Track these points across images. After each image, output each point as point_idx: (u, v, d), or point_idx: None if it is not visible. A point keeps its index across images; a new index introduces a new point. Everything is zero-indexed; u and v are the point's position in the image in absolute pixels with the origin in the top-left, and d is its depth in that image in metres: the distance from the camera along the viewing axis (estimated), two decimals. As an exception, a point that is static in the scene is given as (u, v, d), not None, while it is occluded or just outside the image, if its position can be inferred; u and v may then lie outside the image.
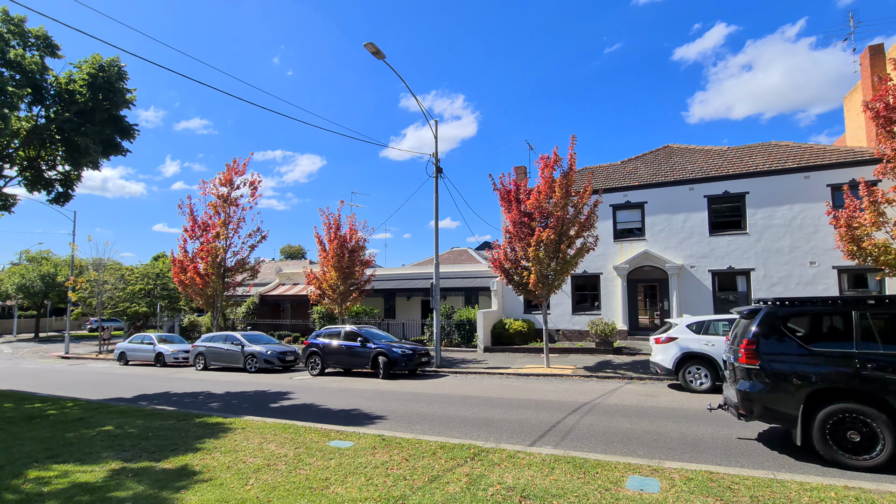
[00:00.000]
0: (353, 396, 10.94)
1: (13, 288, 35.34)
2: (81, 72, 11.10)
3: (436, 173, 16.75)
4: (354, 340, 14.94)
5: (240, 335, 17.59)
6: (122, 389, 13.08)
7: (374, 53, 13.31)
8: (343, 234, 18.67)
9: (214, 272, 21.24)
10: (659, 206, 18.87)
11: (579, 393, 10.58)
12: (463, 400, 10.07)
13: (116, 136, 11.74)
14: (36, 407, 9.68)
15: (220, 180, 21.65)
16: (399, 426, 7.70)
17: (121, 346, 21.26)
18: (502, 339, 19.87)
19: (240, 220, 21.86)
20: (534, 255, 14.10)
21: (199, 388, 12.98)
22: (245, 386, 13.23)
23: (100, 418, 8.25)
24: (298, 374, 15.69)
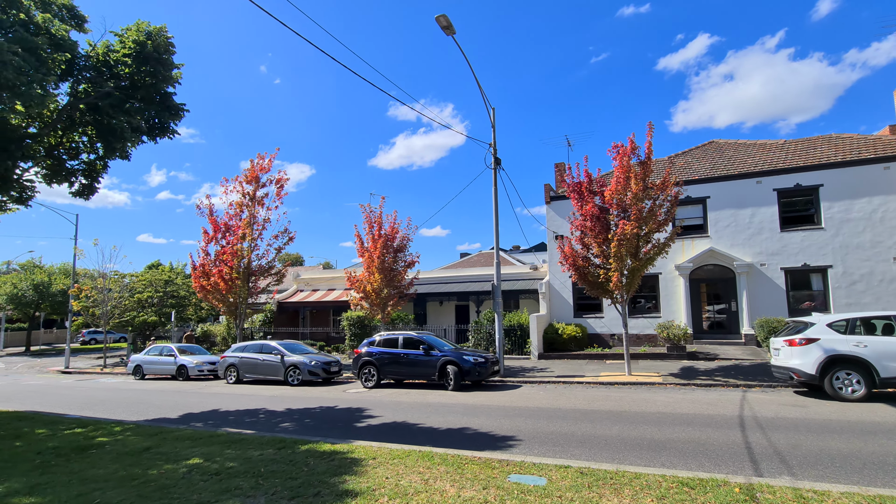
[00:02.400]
0: (443, 412, 9.44)
1: (4, 298, 32.95)
2: (125, 40, 9.55)
3: (494, 165, 15.42)
4: (415, 348, 13.42)
5: (276, 344, 15.93)
6: (159, 409, 11.37)
7: (444, 28, 12.00)
8: (386, 233, 17.18)
9: (239, 276, 19.60)
10: (723, 200, 17.78)
11: (705, 404, 9.23)
12: (580, 414, 8.65)
13: (165, 116, 10.15)
14: (77, 433, 8.01)
15: (246, 178, 20.06)
16: (553, 451, 6.26)
17: (136, 358, 19.36)
18: (555, 345, 18.48)
19: (265, 220, 20.30)
20: (615, 251, 12.81)
21: (251, 405, 11.33)
22: (301, 402, 11.62)
23: (172, 448, 6.65)
24: (349, 387, 14.09)
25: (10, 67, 7.23)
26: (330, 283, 27.63)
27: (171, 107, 10.26)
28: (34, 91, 7.46)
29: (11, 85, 7.22)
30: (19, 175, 9.60)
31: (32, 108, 7.46)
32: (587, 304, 19.76)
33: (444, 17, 11.68)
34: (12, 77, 7.26)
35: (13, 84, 7.22)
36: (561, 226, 20.36)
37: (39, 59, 8.27)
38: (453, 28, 12.04)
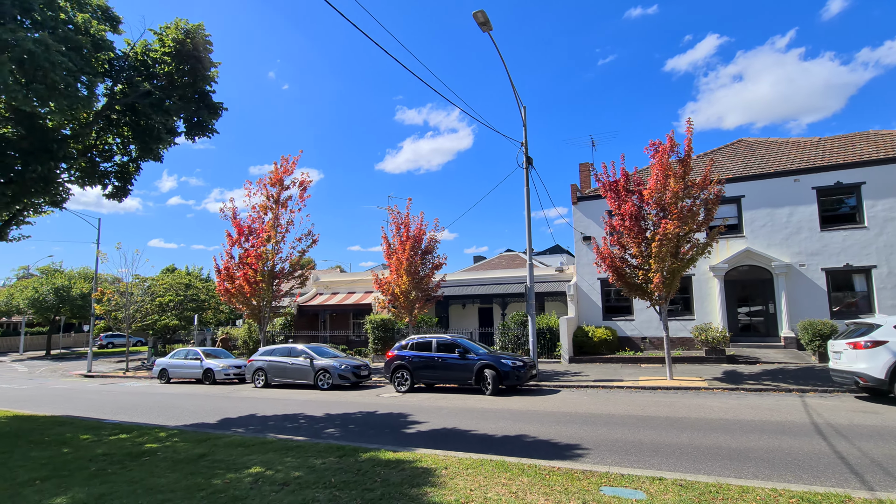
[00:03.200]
0: (491, 418, 9.12)
1: (25, 303, 33.19)
2: (165, 38, 9.41)
3: (526, 164, 15.13)
4: (450, 351, 13.12)
5: (306, 347, 15.72)
6: (194, 413, 11.18)
7: (481, 24, 11.76)
8: (414, 235, 16.93)
9: (264, 279, 19.46)
10: (758, 199, 17.31)
11: (766, 410, 8.82)
12: (637, 421, 8.28)
13: (204, 114, 9.99)
14: (122, 438, 7.81)
15: (270, 180, 19.96)
16: (628, 460, 5.92)
17: (161, 362, 19.26)
18: (585, 348, 18.08)
19: (288, 222, 20.18)
20: (657, 251, 12.44)
21: (287, 410, 11.10)
22: (337, 406, 11.36)
23: (227, 455, 6.40)
24: (380, 391, 13.81)
25: (57, 67, 7.09)
26: (349, 286, 27.45)
27: (209, 105, 10.10)
28: (80, 92, 7.30)
29: (59, 85, 7.07)
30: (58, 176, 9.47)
31: (78, 110, 7.30)
32: (616, 306, 19.35)
33: (482, 12, 11.45)
34: (59, 77, 7.13)
35: (61, 84, 7.07)
36: (588, 227, 20.00)
37: (83, 59, 8.15)
38: (490, 24, 11.80)
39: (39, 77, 6.86)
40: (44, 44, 6.89)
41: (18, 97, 6.54)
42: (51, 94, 6.95)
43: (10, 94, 6.46)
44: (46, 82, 6.91)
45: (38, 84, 6.85)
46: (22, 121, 8.68)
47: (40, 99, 6.84)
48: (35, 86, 6.83)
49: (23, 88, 6.61)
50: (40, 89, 6.85)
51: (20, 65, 6.64)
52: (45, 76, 6.87)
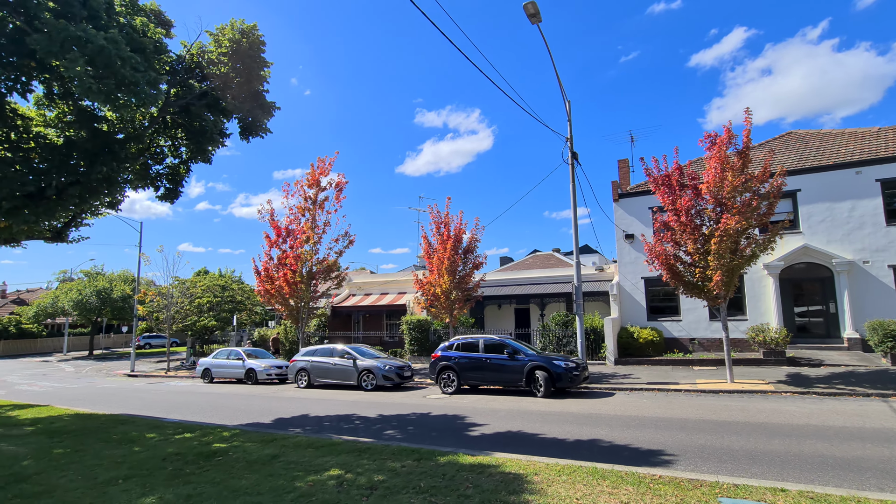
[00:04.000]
0: (554, 421, 8.78)
1: (70, 304, 34.38)
2: (222, 38, 9.45)
3: (571, 159, 14.71)
4: (498, 352, 12.82)
5: (348, 348, 15.66)
6: (247, 413, 11.18)
7: (530, 16, 11.46)
8: (455, 234, 16.70)
9: (303, 280, 19.58)
10: (816, 193, 16.44)
11: (853, 416, 8.22)
12: (715, 426, 7.81)
13: (258, 114, 10.00)
14: (188, 437, 7.79)
15: (308, 181, 20.09)
16: (725, 468, 5.52)
17: (204, 361, 19.56)
18: (630, 349, 17.49)
19: (325, 223, 20.25)
20: (716, 248, 11.86)
21: (338, 410, 10.99)
22: (387, 407, 11.20)
23: (299, 456, 6.26)
24: (425, 392, 13.60)
25: (127, 64, 7.13)
26: (382, 287, 27.43)
27: (263, 105, 10.10)
28: (148, 90, 7.33)
29: (129, 83, 7.10)
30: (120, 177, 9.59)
31: (146, 107, 7.33)
32: (662, 306, 18.69)
33: (533, 3, 11.15)
34: (129, 74, 7.16)
35: (130, 82, 7.10)
36: (631, 224, 19.41)
37: (147, 59, 8.21)
38: (540, 16, 11.48)
39: (109, 74, 6.89)
40: (114, 41, 6.93)
41: (92, 90, 6.56)
42: (120, 91, 6.98)
43: (83, 88, 6.49)
44: (116, 79, 6.94)
45: (108, 80, 6.89)
46: (85, 123, 8.82)
47: (110, 95, 6.87)
48: (106, 81, 6.87)
49: (96, 83, 6.64)
50: (110, 85, 6.88)
51: (91, 62, 6.68)
52: (116, 73, 6.90)
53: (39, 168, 8.32)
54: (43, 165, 8.39)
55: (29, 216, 8.11)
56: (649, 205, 19.20)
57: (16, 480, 5.47)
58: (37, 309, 36.99)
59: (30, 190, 8.30)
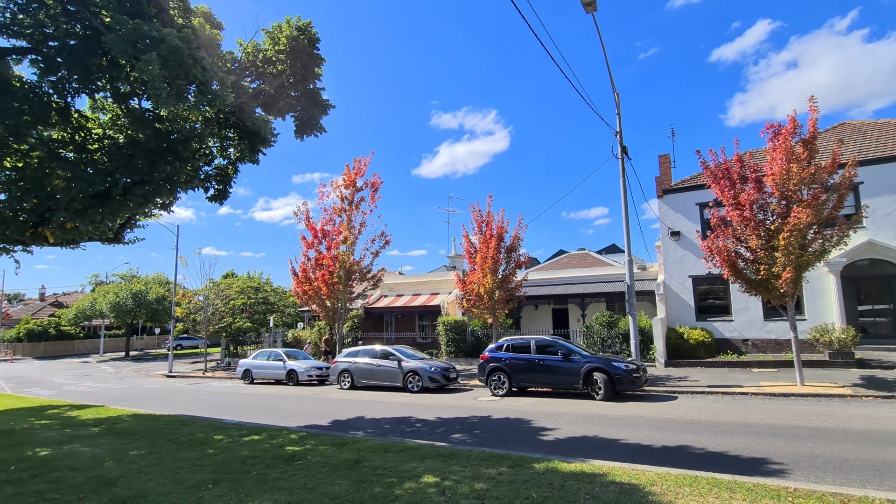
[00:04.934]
0: (629, 426, 8.36)
1: (108, 307, 35.22)
2: (280, 35, 9.32)
3: (621, 153, 14.24)
4: (552, 354, 12.42)
5: (392, 349, 15.46)
6: (301, 415, 11.05)
7: (586, 6, 11.07)
8: (498, 232, 16.35)
9: (340, 281, 19.51)
10: (880, 186, 15.59)
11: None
12: (812, 432, 7.28)
13: (314, 112, 9.85)
14: (256, 440, 7.63)
15: (344, 182, 20.03)
16: (849, 479, 5.05)
17: (244, 363, 19.65)
18: (680, 350, 16.86)
19: (361, 224, 20.16)
20: (785, 243, 11.25)
21: (393, 413, 10.75)
22: (442, 410, 10.92)
23: (382, 461, 6.01)
24: (475, 394, 13.29)
25: (198, 64, 7.02)
26: (414, 288, 27.25)
27: (318, 102, 9.95)
28: (217, 91, 7.20)
29: (200, 82, 6.99)
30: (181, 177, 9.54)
31: (215, 107, 7.22)
32: (711, 305, 17.99)
33: (590, -9, 10.75)
34: (200, 74, 7.05)
35: (201, 81, 6.99)
36: (676, 221, 18.76)
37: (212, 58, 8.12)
38: (596, 5, 11.08)
39: (181, 74, 6.79)
40: (186, 40, 6.84)
41: (162, 95, 6.48)
42: (191, 92, 6.86)
43: (153, 92, 6.40)
44: (188, 79, 6.83)
45: (180, 81, 6.79)
46: (147, 123, 8.80)
47: (182, 96, 6.76)
48: (178, 82, 6.77)
49: (167, 85, 6.54)
50: (181, 86, 6.78)
51: (165, 63, 6.58)
52: (188, 73, 6.80)
53: (105, 168, 8.31)
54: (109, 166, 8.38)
55: (95, 216, 8.09)
56: (697, 200, 18.54)
57: (104, 484, 5.36)
58: (76, 311, 38.00)
59: (97, 190, 8.30)
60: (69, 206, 7.88)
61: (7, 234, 8.37)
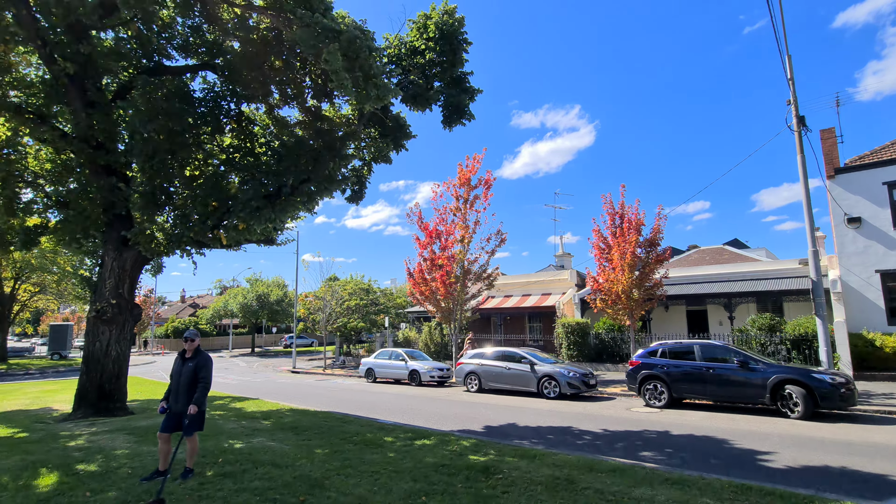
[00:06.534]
0: (879, 456, 6.61)
1: (237, 308, 38.96)
2: (429, 23, 9.01)
3: (797, 124, 12.01)
4: (723, 361, 10.72)
5: (523, 352, 14.66)
6: (445, 418, 10.64)
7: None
8: (634, 224, 14.82)
9: (457, 281, 19.20)
10: None
11: None
12: None
13: (462, 99, 9.41)
14: (428, 445, 7.22)
15: (459, 181, 19.73)
16: None
17: (367, 362, 20.15)
18: (870, 361, 13.92)
19: (475, 222, 19.70)
20: None
21: (547, 422, 9.89)
22: (597, 420, 9.83)
23: (598, 482, 5.17)
24: (622, 403, 11.96)
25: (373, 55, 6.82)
26: (524, 288, 26.26)
27: (466, 88, 9.49)
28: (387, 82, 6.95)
29: (372, 74, 6.77)
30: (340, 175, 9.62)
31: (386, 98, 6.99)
32: (911, 307, 14.66)
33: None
34: (374, 65, 6.84)
35: (374, 73, 6.76)
36: (855, 205, 15.66)
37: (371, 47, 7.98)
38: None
39: (357, 66, 6.62)
40: (362, 31, 6.66)
41: (347, 85, 6.31)
42: (366, 83, 6.67)
43: (339, 81, 6.25)
44: (363, 71, 6.64)
45: (356, 72, 6.62)
46: (310, 123, 8.95)
47: (360, 90, 6.57)
48: (354, 74, 6.60)
49: (349, 76, 6.38)
50: (358, 78, 6.59)
51: (345, 54, 6.43)
52: (363, 65, 6.61)
53: (275, 170, 8.56)
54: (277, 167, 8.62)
55: (269, 214, 8.34)
56: (885, 179, 15.31)
57: (314, 486, 5.17)
58: (212, 311, 42.63)
59: (268, 191, 8.57)
60: (246, 205, 8.19)
61: (191, 236, 8.97)
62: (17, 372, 25.05)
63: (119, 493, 4.96)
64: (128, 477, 5.53)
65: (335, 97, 9.24)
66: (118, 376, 9.74)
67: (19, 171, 10.20)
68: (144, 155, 7.84)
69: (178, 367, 5.47)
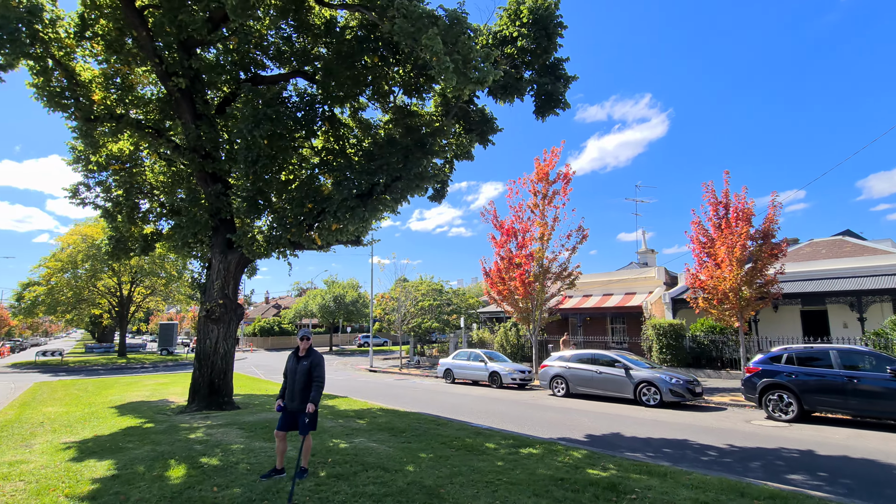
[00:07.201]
0: None
1: (317, 308, 40.92)
2: (522, 8, 8.53)
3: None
4: (872, 369, 9.13)
5: (615, 355, 13.68)
6: (538, 423, 10.08)
7: None
8: (743, 214, 13.26)
9: (537, 280, 18.51)
10: None
11: None
12: None
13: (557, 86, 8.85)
14: (534, 454, 6.74)
15: (536, 176, 19.03)
16: None
17: (445, 362, 20.05)
18: None
19: (554, 219, 18.87)
20: None
21: (658, 433, 8.99)
22: (714, 434, 8.74)
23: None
24: (737, 415, 10.64)
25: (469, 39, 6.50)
26: (605, 287, 24.86)
27: (560, 76, 8.90)
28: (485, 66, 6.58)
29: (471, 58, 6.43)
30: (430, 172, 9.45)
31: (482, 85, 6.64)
32: None
33: None
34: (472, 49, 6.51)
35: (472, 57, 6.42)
36: None
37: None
38: None
39: (454, 51, 6.32)
40: (457, 16, 6.36)
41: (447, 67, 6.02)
42: (465, 67, 6.36)
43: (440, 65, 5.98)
44: (462, 54, 6.33)
45: (455, 56, 6.32)
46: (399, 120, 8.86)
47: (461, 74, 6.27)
48: (454, 58, 6.31)
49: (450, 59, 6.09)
50: (458, 62, 6.28)
51: (443, 39, 6.16)
52: (461, 48, 6.31)
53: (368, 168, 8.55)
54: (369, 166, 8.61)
55: (363, 214, 8.34)
56: None
57: (430, 495, 4.92)
58: (294, 312, 45.20)
59: (361, 190, 8.58)
60: (342, 205, 8.23)
61: (289, 237, 9.23)
62: (134, 366, 28.08)
63: (243, 491, 5.02)
64: (247, 473, 5.64)
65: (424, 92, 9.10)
66: (225, 372, 10.30)
67: (139, 183, 11.16)
68: (248, 160, 8.18)
69: (293, 364, 5.48)
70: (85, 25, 8.21)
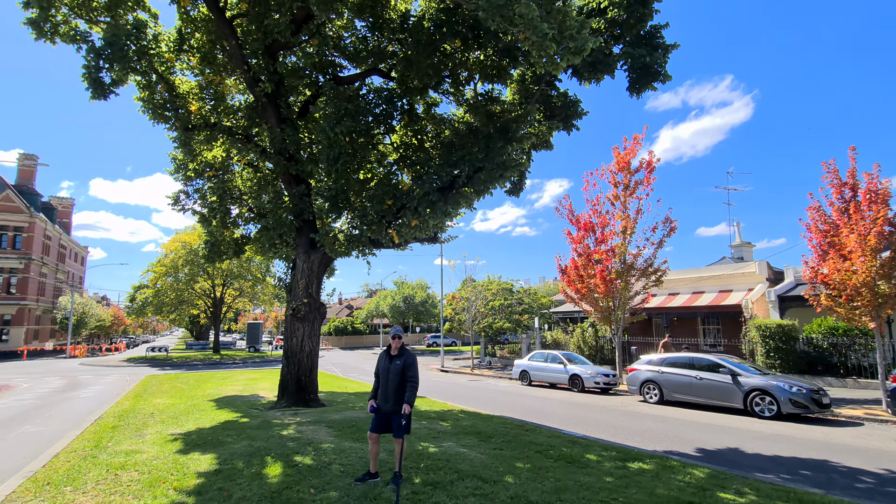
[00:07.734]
0: None
1: (387, 308, 41.84)
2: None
3: None
4: None
5: (719, 359, 12.25)
6: (632, 433, 9.16)
7: None
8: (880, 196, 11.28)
9: (620, 277, 17.25)
10: None
11: None
12: None
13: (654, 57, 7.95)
14: (645, 469, 5.97)
15: (617, 166, 17.75)
16: None
17: (521, 363, 19.37)
18: None
19: (637, 210, 17.46)
20: None
21: (778, 449, 7.74)
22: (861, 455, 7.31)
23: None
24: (883, 432, 8.94)
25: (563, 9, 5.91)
26: (694, 284, 22.75)
27: (657, 45, 7.98)
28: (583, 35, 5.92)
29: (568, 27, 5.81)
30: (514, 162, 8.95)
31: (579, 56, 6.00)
32: None
33: None
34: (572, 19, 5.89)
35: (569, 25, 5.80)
36: None
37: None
38: None
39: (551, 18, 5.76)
40: (545, -18, 5.79)
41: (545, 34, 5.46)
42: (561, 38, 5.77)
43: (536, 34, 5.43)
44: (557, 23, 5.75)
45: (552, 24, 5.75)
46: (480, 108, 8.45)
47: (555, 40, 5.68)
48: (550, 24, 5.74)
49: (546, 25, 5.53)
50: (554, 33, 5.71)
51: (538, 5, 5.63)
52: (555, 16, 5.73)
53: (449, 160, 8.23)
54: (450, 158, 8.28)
55: (445, 208, 8.03)
56: None
57: (540, 511, 4.39)
58: (366, 312, 46.63)
59: (442, 183, 8.27)
60: (422, 200, 7.98)
61: (369, 235, 9.15)
62: (227, 361, 30.37)
63: (339, 494, 4.84)
64: (341, 475, 5.48)
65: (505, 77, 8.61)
66: (311, 370, 10.50)
67: (230, 189, 11.76)
68: (330, 158, 8.21)
69: (385, 364, 5.23)
70: (182, 39, 8.73)
